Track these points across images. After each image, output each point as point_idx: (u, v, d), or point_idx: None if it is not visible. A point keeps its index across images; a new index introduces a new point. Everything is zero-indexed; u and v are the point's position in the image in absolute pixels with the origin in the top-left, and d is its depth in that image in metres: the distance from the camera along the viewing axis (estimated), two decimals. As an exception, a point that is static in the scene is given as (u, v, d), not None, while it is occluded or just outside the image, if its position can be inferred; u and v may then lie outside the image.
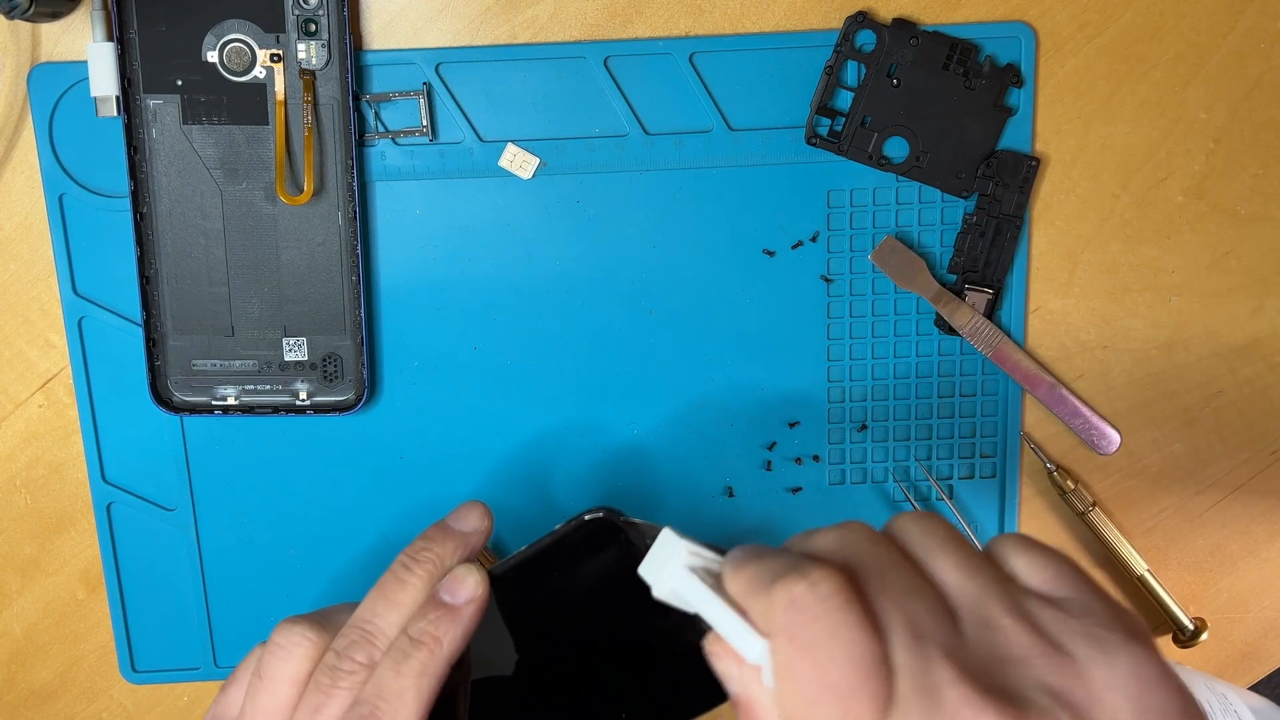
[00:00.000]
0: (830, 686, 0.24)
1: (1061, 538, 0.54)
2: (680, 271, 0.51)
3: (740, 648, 0.26)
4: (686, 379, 0.52)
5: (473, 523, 0.36)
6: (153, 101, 0.48)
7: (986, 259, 0.50)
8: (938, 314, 0.51)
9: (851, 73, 0.49)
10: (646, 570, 0.28)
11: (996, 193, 0.50)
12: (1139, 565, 0.53)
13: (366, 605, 0.33)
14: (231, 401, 0.50)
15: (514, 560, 0.34)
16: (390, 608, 0.33)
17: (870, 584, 0.25)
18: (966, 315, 0.51)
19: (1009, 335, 0.51)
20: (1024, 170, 0.49)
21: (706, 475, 0.53)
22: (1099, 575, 0.55)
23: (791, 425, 0.52)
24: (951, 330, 0.51)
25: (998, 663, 0.24)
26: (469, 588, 0.33)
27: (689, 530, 0.33)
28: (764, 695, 0.26)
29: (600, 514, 0.33)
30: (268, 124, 0.48)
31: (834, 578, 0.25)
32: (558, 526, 0.33)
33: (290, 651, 0.32)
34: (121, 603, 0.53)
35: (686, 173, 0.50)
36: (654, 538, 0.29)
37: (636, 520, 0.33)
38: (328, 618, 0.34)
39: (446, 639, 0.32)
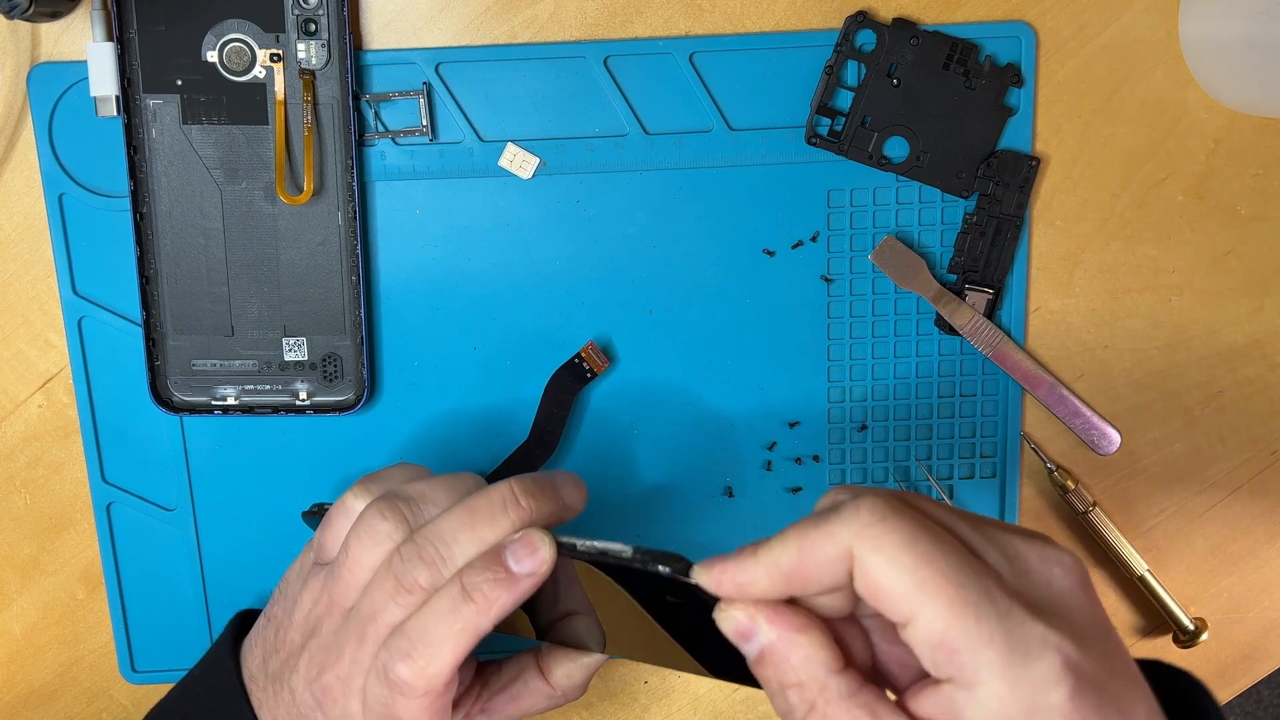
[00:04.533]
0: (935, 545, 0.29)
1: (1061, 538, 0.54)
2: (680, 271, 0.51)
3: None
4: (686, 379, 0.52)
5: (574, 498, 0.38)
6: (152, 101, 0.48)
7: (986, 259, 0.50)
8: (938, 314, 0.51)
9: (851, 73, 0.49)
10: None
11: (996, 193, 0.50)
12: (1139, 565, 0.53)
13: (451, 522, 0.36)
14: (231, 401, 0.50)
15: (578, 550, 0.35)
16: (472, 540, 0.35)
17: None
18: (966, 315, 0.50)
19: (1009, 335, 0.51)
20: (1024, 170, 0.49)
21: (706, 475, 0.53)
22: (1099, 575, 0.54)
23: (791, 425, 0.52)
24: (951, 330, 0.51)
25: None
26: (534, 562, 0.35)
27: (690, 528, 0.33)
28: (784, 639, 0.30)
29: (668, 569, 0.32)
30: (268, 124, 0.48)
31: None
32: (629, 553, 0.33)
33: (373, 547, 0.36)
34: (121, 603, 0.53)
35: (686, 173, 0.50)
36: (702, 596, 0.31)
37: (699, 585, 0.32)
38: (412, 507, 0.37)
39: (497, 604, 0.34)
